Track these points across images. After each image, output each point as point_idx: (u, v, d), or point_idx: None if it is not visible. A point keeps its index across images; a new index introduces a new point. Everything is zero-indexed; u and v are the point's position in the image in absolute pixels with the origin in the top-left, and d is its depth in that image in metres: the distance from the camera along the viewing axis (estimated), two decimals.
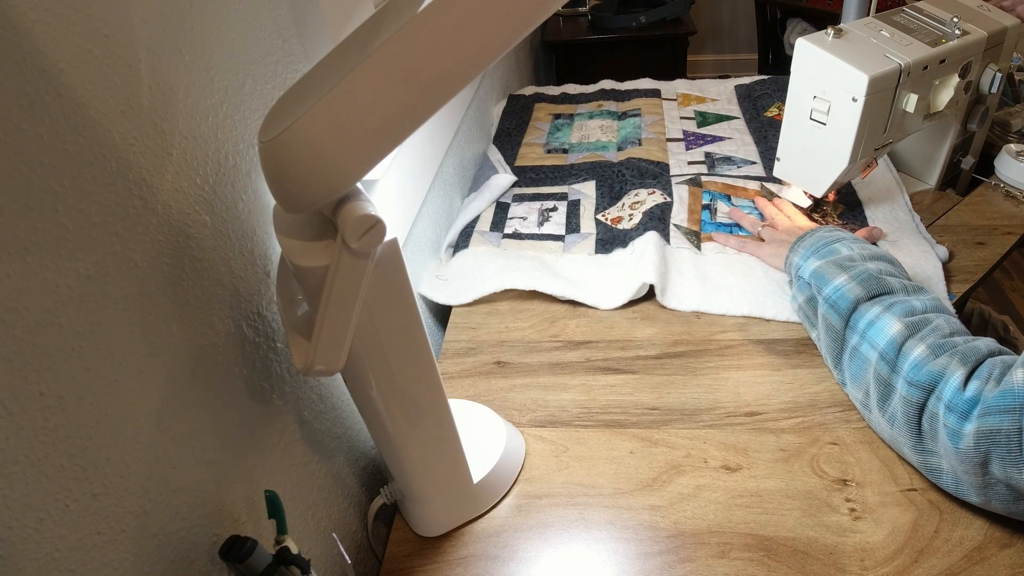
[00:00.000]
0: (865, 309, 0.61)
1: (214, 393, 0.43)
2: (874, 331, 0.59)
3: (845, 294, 0.62)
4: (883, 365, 0.57)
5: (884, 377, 0.57)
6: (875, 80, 0.71)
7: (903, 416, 0.55)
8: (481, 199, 0.99)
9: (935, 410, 0.53)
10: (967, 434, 0.50)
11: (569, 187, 1.01)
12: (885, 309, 0.59)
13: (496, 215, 0.97)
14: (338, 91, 0.33)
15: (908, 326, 0.57)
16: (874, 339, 0.59)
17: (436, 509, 0.59)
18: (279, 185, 0.36)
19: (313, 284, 0.40)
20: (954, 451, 0.51)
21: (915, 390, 0.54)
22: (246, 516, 0.45)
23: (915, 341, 0.56)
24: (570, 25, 2.09)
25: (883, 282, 0.62)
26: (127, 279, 0.36)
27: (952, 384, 0.52)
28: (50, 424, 0.31)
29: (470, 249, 0.89)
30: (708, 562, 0.54)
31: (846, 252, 0.67)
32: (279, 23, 0.51)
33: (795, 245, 0.73)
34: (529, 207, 0.98)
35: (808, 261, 0.68)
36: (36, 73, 0.31)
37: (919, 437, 0.55)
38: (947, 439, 0.52)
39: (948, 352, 0.54)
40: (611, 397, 0.69)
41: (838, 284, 0.63)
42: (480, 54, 0.34)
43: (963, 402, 0.51)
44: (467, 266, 0.87)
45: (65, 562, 0.32)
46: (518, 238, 0.92)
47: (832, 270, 0.65)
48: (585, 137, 1.13)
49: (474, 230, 0.93)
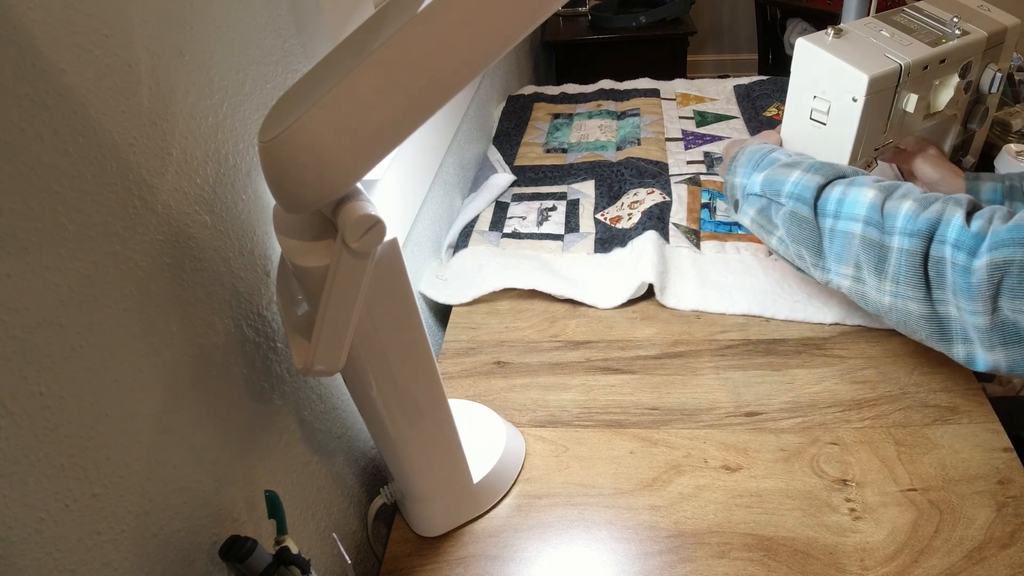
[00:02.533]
0: (829, 191, 0.61)
1: (214, 393, 0.43)
2: (848, 205, 0.59)
3: (807, 184, 0.63)
4: (871, 229, 0.57)
5: (875, 240, 0.57)
6: (875, 80, 0.70)
7: (907, 270, 0.55)
8: (480, 199, 0.99)
9: (940, 254, 0.52)
10: (979, 268, 0.50)
11: (568, 187, 1.01)
12: (848, 185, 0.60)
13: (495, 214, 0.97)
14: (338, 91, 0.33)
15: (881, 190, 0.58)
16: (851, 211, 0.59)
17: (436, 509, 0.59)
18: (279, 185, 0.36)
19: (313, 284, 0.40)
20: (965, 287, 0.51)
21: (915, 240, 0.54)
22: (246, 516, 0.45)
23: (896, 200, 0.56)
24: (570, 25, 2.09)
25: (835, 167, 0.63)
26: (127, 279, 0.36)
27: (955, 224, 0.52)
28: (50, 424, 0.31)
29: (469, 249, 0.89)
30: (708, 562, 0.54)
31: (785, 159, 0.68)
32: (279, 23, 0.51)
33: (730, 167, 0.73)
34: (528, 206, 0.98)
35: (752, 176, 0.69)
36: (36, 73, 0.31)
37: (926, 287, 0.54)
38: (957, 277, 0.51)
39: (938, 201, 0.54)
40: (611, 397, 0.69)
41: (795, 179, 0.64)
42: (480, 54, 0.34)
43: (970, 237, 0.50)
44: (467, 266, 0.87)
45: (65, 562, 0.32)
46: (517, 237, 0.92)
47: (783, 172, 0.66)
48: (584, 137, 1.13)
49: (473, 230, 0.93)
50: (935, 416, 0.63)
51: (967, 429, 0.61)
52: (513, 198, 1.00)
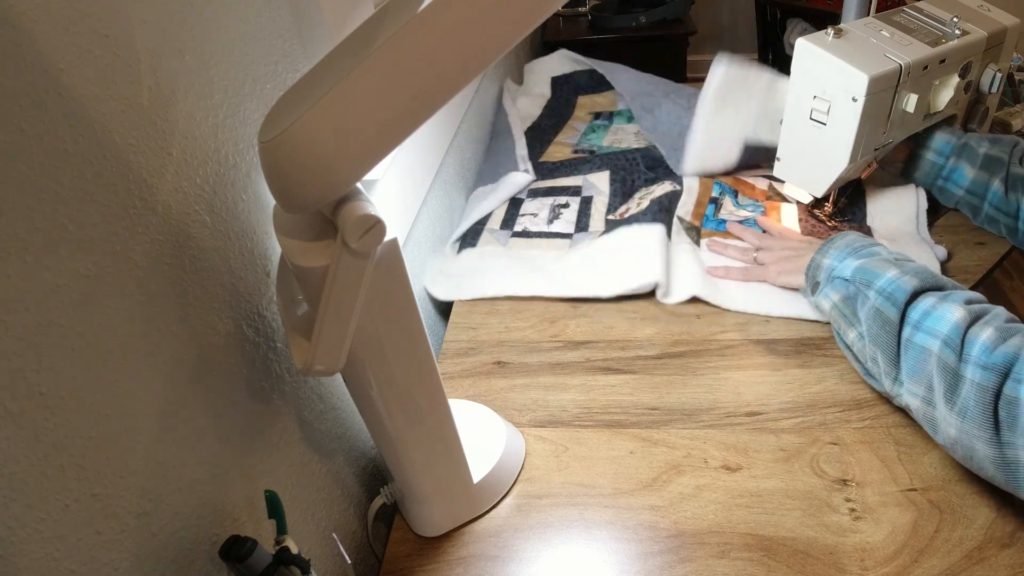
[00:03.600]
0: (921, 299, 0.58)
1: (214, 393, 0.43)
2: (933, 319, 0.55)
3: (901, 285, 0.59)
4: (948, 352, 0.53)
5: (950, 366, 0.53)
6: (875, 80, 0.71)
7: (976, 405, 0.51)
8: (496, 196, 0.99)
9: (1013, 394, 0.49)
10: None
11: (584, 177, 1.01)
12: (941, 299, 0.56)
13: (508, 211, 0.97)
14: (338, 91, 0.33)
15: (970, 312, 0.54)
16: (934, 327, 0.55)
17: (436, 509, 0.59)
18: (279, 185, 0.36)
19: (313, 284, 0.40)
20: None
21: (989, 374, 0.50)
22: (246, 516, 0.45)
23: (980, 326, 0.53)
24: (570, 25, 2.09)
25: (937, 277, 0.60)
26: (127, 279, 0.36)
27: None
28: (50, 424, 0.31)
29: (477, 249, 0.90)
30: (708, 562, 0.54)
31: (887, 254, 0.64)
32: (279, 23, 0.51)
33: (824, 248, 0.69)
34: (541, 203, 0.98)
35: (846, 261, 0.65)
36: (36, 73, 0.31)
37: (995, 428, 0.50)
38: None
39: (1020, 333, 0.51)
40: (611, 397, 0.69)
41: (892, 277, 0.60)
42: (480, 54, 0.34)
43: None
44: (472, 264, 0.88)
45: (65, 562, 0.32)
46: (527, 236, 0.92)
47: (881, 265, 0.62)
48: (617, 142, 1.12)
49: (484, 228, 0.94)
50: None
51: None
52: (528, 194, 1.01)
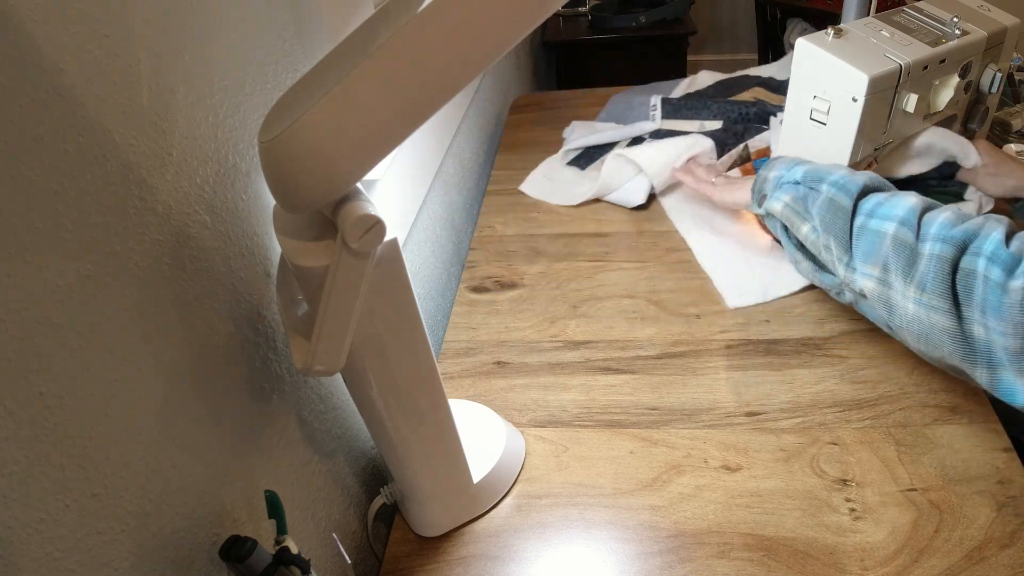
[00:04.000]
0: (871, 194, 0.61)
1: (214, 393, 0.43)
2: (887, 207, 0.58)
3: (853, 179, 0.62)
4: (904, 230, 0.55)
5: (907, 242, 0.55)
6: (875, 80, 0.70)
7: (935, 276, 0.52)
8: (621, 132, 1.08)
9: (971, 267, 0.51)
10: (1015, 288, 0.47)
11: (700, 123, 1.05)
12: (891, 194, 0.59)
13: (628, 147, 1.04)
14: (338, 91, 0.33)
15: (923, 201, 0.57)
16: (889, 212, 0.57)
17: (436, 509, 0.59)
18: (279, 185, 0.36)
19: (313, 284, 0.40)
20: (996, 305, 0.48)
21: (947, 246, 0.52)
22: (246, 516, 0.45)
23: (936, 211, 0.55)
24: (570, 25, 2.09)
25: (883, 180, 0.63)
26: (127, 279, 0.36)
27: (993, 238, 0.50)
28: (50, 424, 0.31)
29: (585, 171, 1.04)
30: (708, 562, 0.54)
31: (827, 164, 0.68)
32: (279, 23, 0.51)
33: (769, 163, 0.73)
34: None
35: (794, 168, 0.69)
36: (36, 73, 0.31)
37: (953, 300, 0.52)
38: (989, 293, 0.49)
39: (980, 217, 0.53)
40: (611, 397, 0.69)
41: (842, 174, 0.63)
42: (480, 54, 0.34)
43: (1008, 256, 0.49)
44: (571, 178, 1.03)
45: (65, 562, 0.32)
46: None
47: (830, 167, 0.65)
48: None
49: (600, 157, 1.05)
50: (935, 416, 0.63)
51: (967, 429, 0.61)
52: (651, 134, 1.07)
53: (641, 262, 0.86)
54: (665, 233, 0.90)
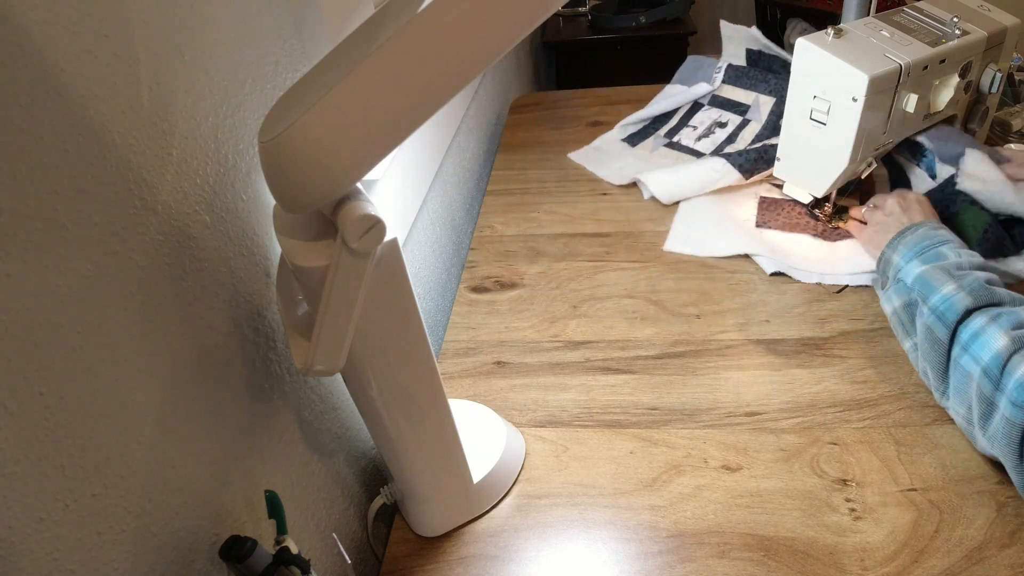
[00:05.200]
0: (972, 318, 0.58)
1: (214, 393, 0.43)
2: (979, 344, 0.56)
3: (954, 304, 0.58)
4: (986, 382, 0.55)
5: (987, 395, 0.55)
6: (875, 80, 0.70)
7: (1004, 437, 0.53)
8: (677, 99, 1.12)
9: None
10: None
11: (756, 96, 1.06)
12: (991, 320, 0.56)
13: (682, 119, 1.10)
14: (338, 91, 0.33)
15: (1015, 340, 0.54)
16: (978, 353, 0.56)
17: (436, 509, 0.59)
18: (279, 185, 0.36)
19: (313, 284, 0.40)
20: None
21: (1019, 411, 0.51)
22: (246, 516, 0.45)
23: (1021, 357, 0.53)
24: (570, 25, 2.09)
25: (993, 293, 0.58)
26: (127, 279, 0.36)
27: None
28: (50, 424, 0.31)
29: (634, 149, 1.08)
30: (708, 562, 0.54)
31: (953, 258, 0.63)
32: (279, 23, 0.51)
33: (894, 241, 0.69)
34: (708, 116, 1.07)
35: (911, 263, 0.64)
36: (36, 73, 0.31)
37: (1020, 459, 0.53)
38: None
39: None
40: (611, 397, 0.69)
41: (946, 293, 0.59)
42: (480, 54, 0.34)
43: None
44: (618, 154, 1.08)
45: (65, 562, 0.32)
46: (673, 147, 1.06)
47: (939, 276, 0.61)
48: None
49: (653, 133, 1.10)
50: (935, 416, 0.63)
51: None
52: (710, 100, 1.10)
53: (641, 262, 0.86)
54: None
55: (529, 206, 1.00)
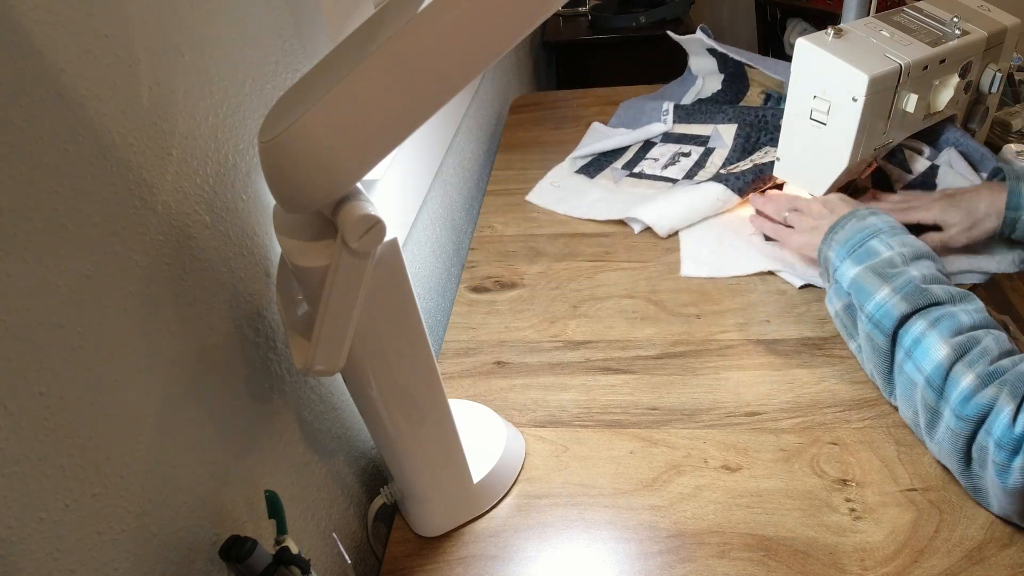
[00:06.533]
0: (911, 324, 0.57)
1: (214, 393, 0.43)
2: (920, 352, 0.56)
3: (889, 311, 0.59)
4: (929, 392, 0.55)
5: (931, 404, 0.55)
6: (875, 80, 0.70)
7: (950, 446, 0.54)
8: (631, 136, 1.07)
9: (984, 443, 0.51)
10: (1015, 469, 0.49)
11: (714, 127, 1.04)
12: (931, 325, 0.56)
13: (637, 153, 1.05)
14: (338, 91, 0.33)
15: (955, 348, 0.54)
16: (920, 361, 0.56)
17: (436, 509, 0.59)
18: (279, 185, 0.37)
19: (313, 284, 0.40)
20: (1001, 486, 0.50)
21: (963, 423, 0.52)
22: (246, 516, 0.45)
23: (963, 367, 0.53)
24: (570, 25, 2.09)
25: (928, 293, 0.58)
26: (127, 279, 0.36)
27: (1002, 420, 0.50)
28: (50, 424, 0.31)
29: (593, 180, 1.02)
30: (708, 562, 0.54)
31: (885, 253, 0.62)
32: (279, 23, 0.51)
33: (827, 236, 0.69)
34: (667, 149, 1.04)
35: (844, 264, 0.64)
36: (36, 73, 0.31)
37: (966, 465, 0.54)
38: (994, 475, 0.50)
39: (997, 382, 0.52)
40: (611, 397, 0.69)
41: (880, 300, 0.59)
42: (480, 54, 0.34)
43: (1013, 439, 0.49)
44: (579, 187, 1.01)
45: (65, 562, 0.32)
46: (639, 177, 1.01)
47: (872, 281, 0.61)
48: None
49: (609, 164, 1.04)
50: None
51: None
52: (662, 138, 1.07)
53: (641, 262, 0.86)
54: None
55: (529, 206, 1.00)
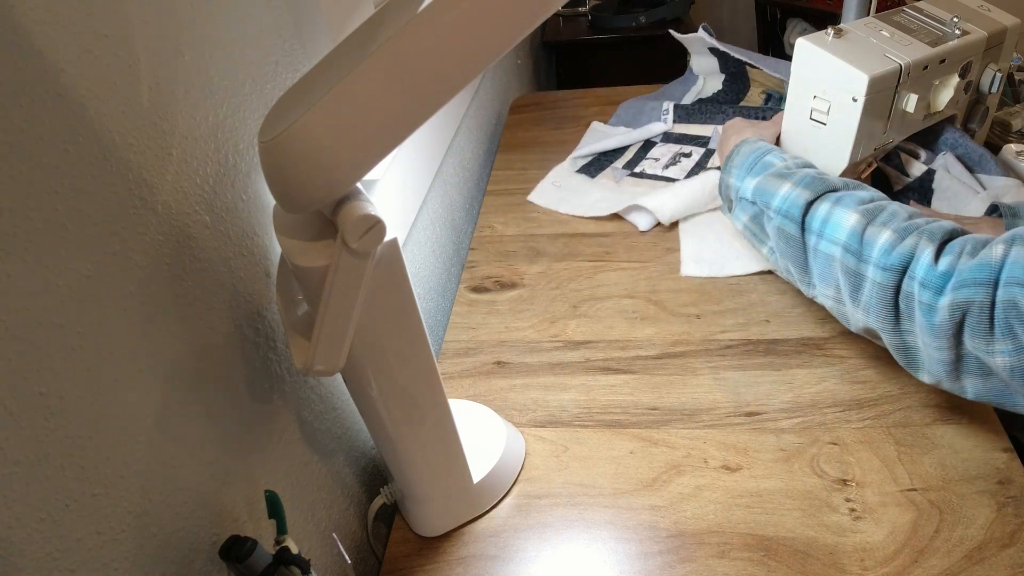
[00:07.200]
0: (816, 207, 0.61)
1: (214, 393, 0.43)
2: (831, 227, 0.59)
3: (795, 200, 0.62)
4: (849, 257, 0.57)
5: (852, 268, 0.57)
6: (875, 80, 0.70)
7: (878, 301, 0.55)
8: (632, 136, 1.08)
9: (910, 290, 0.53)
10: (941, 307, 0.50)
11: (715, 128, 1.05)
12: (835, 203, 0.60)
13: (637, 153, 1.05)
14: (338, 91, 0.33)
15: (864, 214, 0.57)
16: (833, 234, 0.59)
17: (436, 509, 0.59)
18: (279, 185, 0.37)
19: (313, 284, 0.40)
20: (928, 326, 0.52)
21: (888, 274, 0.54)
22: (246, 516, 0.45)
23: (876, 227, 0.56)
24: (570, 25, 2.09)
25: (826, 181, 0.63)
26: (127, 279, 0.36)
27: (924, 261, 0.52)
28: (50, 424, 0.31)
29: (594, 179, 1.02)
30: (708, 562, 0.54)
31: (779, 163, 0.67)
32: (279, 23, 0.51)
33: (727, 165, 0.73)
34: (668, 149, 1.04)
35: (745, 181, 0.69)
36: (36, 73, 0.31)
37: (896, 319, 0.55)
38: (921, 316, 0.52)
39: (915, 232, 0.54)
40: (611, 397, 0.69)
41: (784, 193, 0.64)
42: (480, 54, 0.34)
43: (936, 277, 0.51)
44: (580, 187, 1.01)
45: (65, 562, 0.32)
46: (640, 176, 1.01)
47: (774, 182, 0.65)
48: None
49: (610, 164, 1.04)
50: (935, 416, 0.63)
51: (967, 429, 0.61)
52: (662, 138, 1.07)
53: (641, 262, 0.86)
54: (665, 233, 0.90)
55: (529, 206, 1.00)
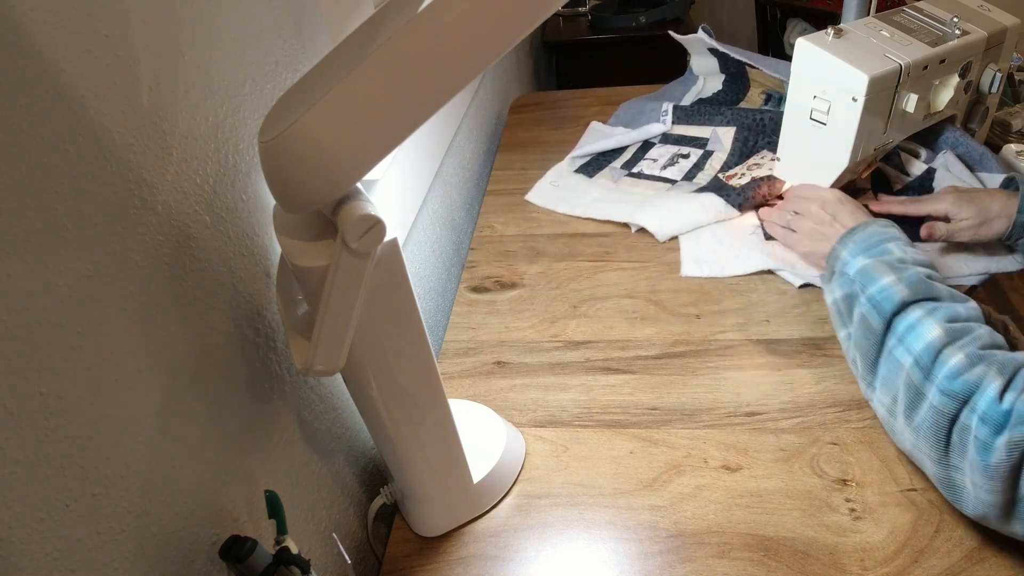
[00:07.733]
0: (909, 311, 0.57)
1: (214, 393, 0.43)
2: (913, 336, 0.56)
3: (891, 295, 0.59)
4: (916, 371, 0.54)
5: (916, 384, 0.54)
6: (875, 80, 0.71)
7: (931, 427, 0.53)
8: (630, 136, 1.08)
9: (967, 422, 0.50)
10: (998, 447, 0.47)
11: (713, 129, 1.04)
12: (928, 313, 0.56)
13: (636, 153, 1.05)
14: (338, 91, 0.33)
15: (948, 332, 0.54)
16: (911, 344, 0.56)
17: (436, 509, 0.59)
18: (279, 185, 0.37)
19: (313, 284, 0.40)
20: (980, 466, 0.49)
21: (948, 400, 0.51)
22: (246, 516, 0.45)
23: (953, 349, 0.53)
24: (570, 25, 2.09)
25: (932, 287, 0.58)
26: (127, 279, 0.36)
27: (988, 395, 0.49)
28: (50, 424, 0.31)
29: (592, 179, 1.02)
30: (708, 562, 0.54)
31: (897, 253, 0.63)
32: (279, 23, 0.51)
33: (844, 238, 0.68)
34: (666, 150, 1.04)
35: (856, 258, 0.64)
36: (36, 73, 0.31)
37: (945, 450, 0.52)
38: (975, 453, 0.49)
39: (985, 362, 0.51)
40: (611, 397, 0.69)
41: (885, 284, 0.60)
42: (480, 54, 0.34)
43: (999, 414, 0.48)
44: (579, 187, 1.01)
45: (65, 562, 0.32)
46: (638, 176, 1.01)
47: (881, 269, 0.61)
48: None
49: (608, 164, 1.04)
50: None
51: None
52: (661, 139, 1.06)
53: (641, 262, 0.86)
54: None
55: (529, 206, 1.00)
